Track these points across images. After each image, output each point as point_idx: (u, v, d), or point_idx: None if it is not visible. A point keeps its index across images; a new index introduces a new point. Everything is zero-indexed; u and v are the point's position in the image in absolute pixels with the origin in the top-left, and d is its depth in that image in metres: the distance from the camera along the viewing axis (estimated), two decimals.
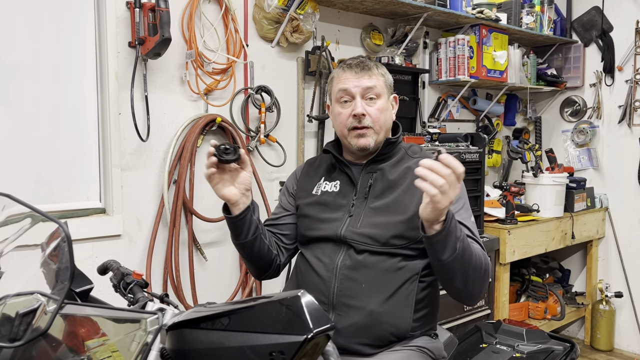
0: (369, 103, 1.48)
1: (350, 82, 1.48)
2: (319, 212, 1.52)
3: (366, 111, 1.47)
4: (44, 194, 1.99)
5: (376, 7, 2.78)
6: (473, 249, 1.32)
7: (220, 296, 2.42)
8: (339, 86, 1.51)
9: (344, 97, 1.50)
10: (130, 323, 0.95)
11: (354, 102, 1.48)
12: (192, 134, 2.22)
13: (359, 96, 1.48)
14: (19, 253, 0.96)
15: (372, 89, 1.48)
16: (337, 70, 1.54)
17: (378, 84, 1.49)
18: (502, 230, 2.93)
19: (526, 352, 1.84)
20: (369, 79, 1.48)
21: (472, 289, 1.34)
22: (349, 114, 1.48)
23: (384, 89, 1.51)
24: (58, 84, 2.01)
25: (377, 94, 1.49)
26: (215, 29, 2.32)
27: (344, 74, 1.51)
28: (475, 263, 1.31)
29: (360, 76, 1.48)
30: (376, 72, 1.51)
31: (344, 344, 1.37)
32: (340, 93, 1.50)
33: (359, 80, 1.48)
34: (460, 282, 1.32)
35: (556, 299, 3.46)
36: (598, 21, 3.68)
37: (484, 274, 1.35)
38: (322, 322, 0.79)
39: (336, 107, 1.53)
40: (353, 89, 1.48)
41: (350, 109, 1.48)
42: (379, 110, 1.48)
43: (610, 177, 3.74)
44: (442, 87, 3.34)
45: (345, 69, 1.51)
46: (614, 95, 3.69)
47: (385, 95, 1.52)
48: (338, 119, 1.52)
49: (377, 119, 1.48)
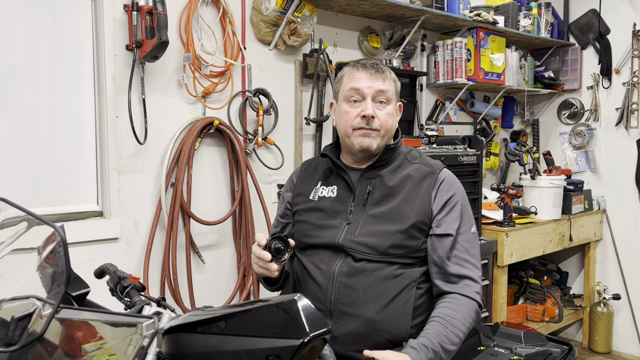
0: (378, 106, 1.46)
1: (363, 82, 1.46)
2: (317, 219, 1.51)
3: (376, 114, 1.45)
4: (42, 197, 1.98)
5: (374, 10, 2.78)
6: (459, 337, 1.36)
7: (218, 299, 2.41)
8: (351, 84, 1.48)
9: (355, 97, 1.47)
10: (127, 327, 0.95)
11: (364, 102, 1.46)
12: (189, 136, 2.22)
13: (369, 98, 1.46)
14: (14, 257, 0.96)
15: (384, 92, 1.46)
16: (350, 69, 1.51)
17: (390, 88, 1.48)
18: (500, 232, 2.93)
19: (524, 355, 1.84)
20: (383, 83, 1.47)
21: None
22: (357, 114, 1.46)
23: (393, 95, 1.50)
24: (55, 86, 2.01)
25: (387, 98, 1.47)
26: (212, 32, 2.32)
27: (358, 73, 1.48)
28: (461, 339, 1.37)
29: (375, 78, 1.46)
30: (389, 76, 1.49)
31: (341, 351, 1.37)
32: (352, 92, 1.47)
33: (373, 82, 1.46)
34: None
35: (554, 301, 3.46)
36: (595, 24, 3.69)
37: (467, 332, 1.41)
38: (319, 325, 0.79)
39: (343, 105, 1.50)
40: (366, 89, 1.46)
41: (360, 109, 1.46)
42: (388, 115, 1.47)
43: (608, 180, 3.74)
44: (440, 89, 3.35)
45: (359, 68, 1.48)
46: (611, 98, 3.70)
47: (394, 102, 1.51)
48: (344, 118, 1.49)
49: (385, 123, 1.47)
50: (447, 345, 1.33)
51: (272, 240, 1.32)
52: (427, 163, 1.52)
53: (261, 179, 2.52)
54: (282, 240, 1.33)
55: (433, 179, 1.47)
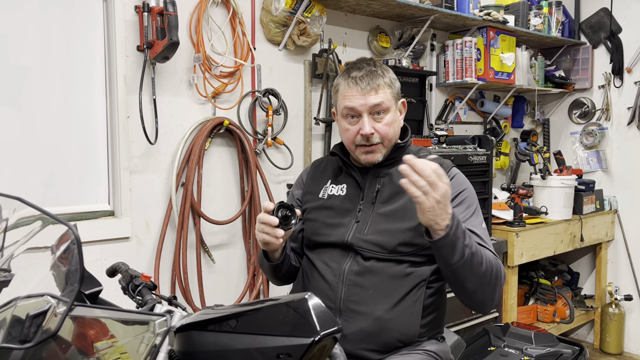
0: (376, 118, 1.44)
1: (356, 100, 1.43)
2: (326, 217, 1.51)
3: (374, 129, 1.44)
4: (53, 197, 2.01)
5: (383, 10, 2.78)
6: (484, 256, 1.31)
7: (228, 298, 2.43)
8: (345, 103, 1.45)
9: (351, 114, 1.46)
10: (139, 325, 0.95)
11: (361, 120, 1.44)
12: (199, 136, 2.23)
13: (366, 114, 1.43)
14: (29, 255, 0.97)
15: (379, 105, 1.43)
16: (342, 83, 1.47)
17: (385, 97, 1.44)
18: (510, 232, 2.91)
19: (535, 356, 1.83)
20: (376, 95, 1.43)
21: (484, 296, 1.34)
22: (357, 132, 1.45)
23: (391, 102, 1.46)
24: (67, 87, 2.03)
25: (384, 109, 1.45)
26: (222, 32, 2.33)
27: (349, 91, 1.44)
28: (487, 270, 1.30)
29: (367, 93, 1.42)
30: (382, 83, 1.44)
31: (351, 349, 1.36)
32: (346, 110, 1.46)
33: (366, 98, 1.42)
34: (471, 288, 1.31)
35: (565, 302, 3.43)
36: (606, 22, 3.66)
37: (496, 281, 1.33)
38: (329, 324, 0.79)
39: (343, 122, 1.49)
40: (359, 107, 1.43)
41: (358, 127, 1.44)
42: (387, 125, 1.45)
43: (620, 180, 3.71)
44: (450, 89, 3.33)
45: (350, 84, 1.44)
46: (623, 97, 3.67)
47: (393, 107, 1.48)
48: (345, 135, 1.49)
49: (385, 134, 1.45)
50: (475, 250, 1.28)
51: (279, 208, 1.32)
52: (437, 162, 1.52)
53: (271, 179, 2.53)
54: (288, 208, 1.33)
55: None
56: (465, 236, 1.27)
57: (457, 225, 1.25)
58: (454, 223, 1.24)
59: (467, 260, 1.26)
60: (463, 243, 1.26)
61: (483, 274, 1.30)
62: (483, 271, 1.30)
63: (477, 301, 1.35)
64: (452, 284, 1.35)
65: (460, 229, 1.26)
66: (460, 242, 1.25)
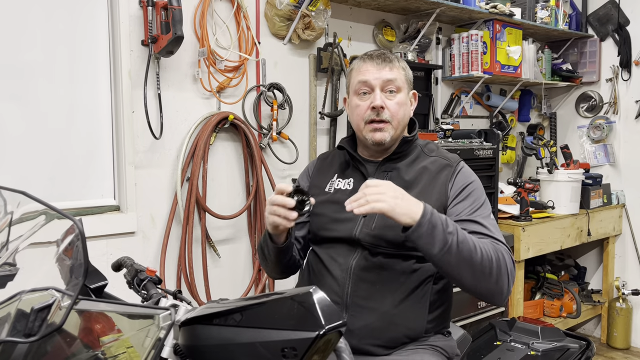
0: (388, 96, 1.45)
1: (370, 74, 1.45)
2: (333, 212, 1.50)
3: (385, 104, 1.43)
4: (59, 192, 2.01)
5: (388, 3, 2.76)
6: (478, 245, 1.27)
7: (234, 293, 2.43)
8: (359, 77, 1.47)
9: (363, 89, 1.46)
10: (144, 319, 0.95)
11: (373, 94, 1.45)
12: (204, 131, 2.23)
13: (378, 88, 1.44)
14: (34, 250, 0.97)
15: (392, 81, 1.45)
16: (357, 62, 1.50)
17: (399, 76, 1.46)
18: (517, 227, 2.90)
19: (541, 350, 1.82)
20: (390, 71, 1.45)
21: (488, 286, 1.29)
22: (367, 107, 1.45)
23: (404, 83, 1.48)
24: (72, 82, 2.03)
25: (397, 87, 1.45)
26: (227, 26, 2.32)
27: (364, 65, 1.47)
28: (484, 259, 1.26)
29: (381, 68, 1.45)
30: (397, 65, 1.47)
31: (357, 344, 1.36)
32: (360, 85, 1.46)
33: (380, 72, 1.44)
34: (468, 278, 1.27)
35: (572, 296, 3.42)
36: (614, 15, 3.62)
37: (499, 270, 1.28)
38: (334, 318, 0.79)
39: (354, 99, 1.49)
40: (373, 80, 1.44)
41: (369, 102, 1.45)
42: (398, 104, 1.45)
43: (627, 174, 3.68)
44: (455, 83, 3.31)
45: (365, 59, 1.48)
46: (631, 90, 3.63)
47: (405, 90, 1.49)
48: (355, 112, 1.48)
49: (395, 112, 1.45)
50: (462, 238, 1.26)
51: (295, 192, 1.32)
52: (444, 156, 1.50)
53: (276, 174, 2.52)
54: (303, 193, 1.33)
55: (450, 171, 1.46)
56: (446, 224, 1.24)
57: (432, 214, 1.24)
58: (427, 211, 1.23)
59: (451, 249, 1.23)
60: (443, 231, 1.23)
61: (479, 263, 1.25)
62: (479, 260, 1.25)
63: (482, 292, 1.31)
64: (449, 276, 1.32)
65: (437, 217, 1.24)
66: (439, 231, 1.23)
